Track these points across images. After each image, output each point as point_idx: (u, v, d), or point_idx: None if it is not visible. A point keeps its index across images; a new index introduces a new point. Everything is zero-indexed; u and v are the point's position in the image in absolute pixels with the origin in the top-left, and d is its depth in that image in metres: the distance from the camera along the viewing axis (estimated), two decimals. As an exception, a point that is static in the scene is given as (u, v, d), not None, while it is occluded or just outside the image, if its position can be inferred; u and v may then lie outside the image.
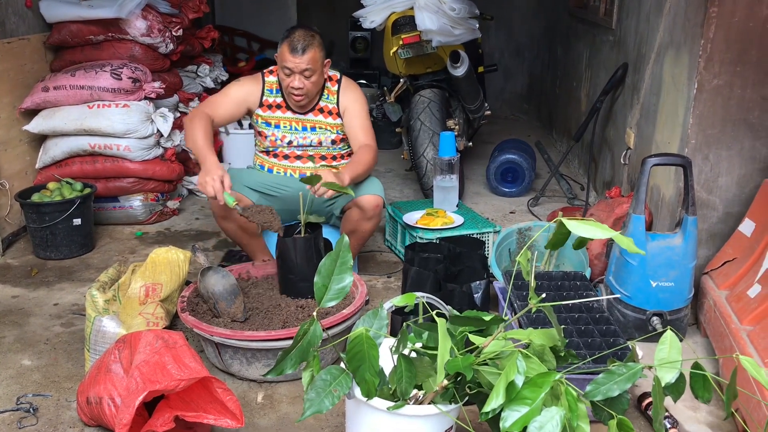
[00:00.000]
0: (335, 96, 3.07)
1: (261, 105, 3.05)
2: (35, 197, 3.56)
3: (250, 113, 3.09)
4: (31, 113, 3.85)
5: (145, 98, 3.91)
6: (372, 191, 2.97)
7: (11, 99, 3.73)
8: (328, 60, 3.01)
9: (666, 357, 1.54)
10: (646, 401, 2.26)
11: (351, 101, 3.06)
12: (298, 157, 3.11)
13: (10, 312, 2.98)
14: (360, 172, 2.91)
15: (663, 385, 1.55)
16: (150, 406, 2.01)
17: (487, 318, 1.70)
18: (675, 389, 1.57)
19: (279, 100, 3.05)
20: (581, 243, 1.59)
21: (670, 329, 1.59)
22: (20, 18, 3.80)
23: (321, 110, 3.07)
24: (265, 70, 3.10)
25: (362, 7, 4.37)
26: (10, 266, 3.47)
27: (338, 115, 3.07)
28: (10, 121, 3.73)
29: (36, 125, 3.80)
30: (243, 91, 3.04)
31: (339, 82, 3.09)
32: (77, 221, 3.53)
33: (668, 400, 1.62)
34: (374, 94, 5.90)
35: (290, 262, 2.67)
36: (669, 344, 1.55)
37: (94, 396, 2.09)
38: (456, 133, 4.31)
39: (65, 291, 3.20)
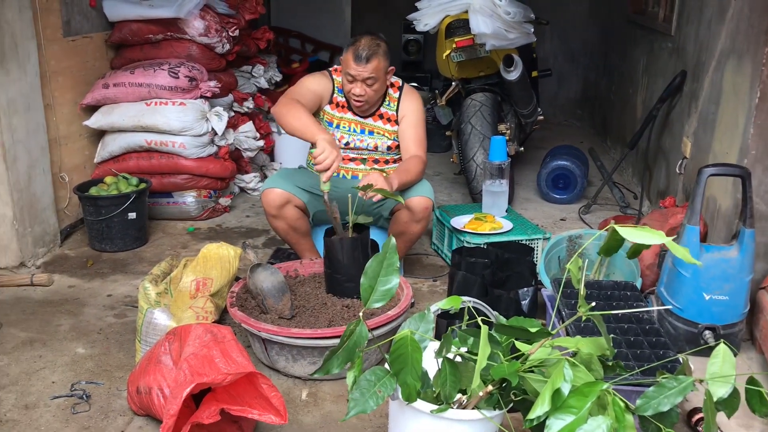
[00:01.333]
0: (396, 103, 3.11)
1: (330, 102, 3.11)
2: (93, 191, 3.67)
3: (319, 110, 3.13)
4: (92, 109, 3.96)
5: (201, 97, 3.99)
6: (422, 193, 2.97)
7: (73, 95, 3.85)
8: (391, 68, 3.05)
9: (718, 371, 1.50)
10: (697, 416, 2.20)
11: (409, 110, 3.10)
12: (352, 159, 3.14)
13: (66, 301, 3.08)
14: (408, 180, 2.93)
15: (715, 399, 1.51)
16: (197, 398, 2.05)
17: (533, 329, 1.68)
18: (729, 405, 1.52)
19: (343, 100, 3.11)
20: (636, 252, 1.56)
21: (723, 342, 1.55)
22: (84, 17, 3.92)
23: (381, 116, 3.11)
24: (330, 69, 3.15)
25: (416, 9, 4.38)
26: (67, 257, 3.58)
27: (396, 122, 3.11)
28: (71, 116, 3.85)
29: (95, 121, 3.91)
30: (320, 87, 3.08)
31: (401, 89, 3.13)
32: (132, 215, 3.62)
33: (719, 416, 1.58)
34: (425, 97, 5.89)
35: (337, 262, 2.69)
36: (722, 358, 1.51)
37: (143, 386, 2.14)
38: (507, 138, 4.28)
39: (119, 283, 3.28)
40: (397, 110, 3.11)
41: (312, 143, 2.85)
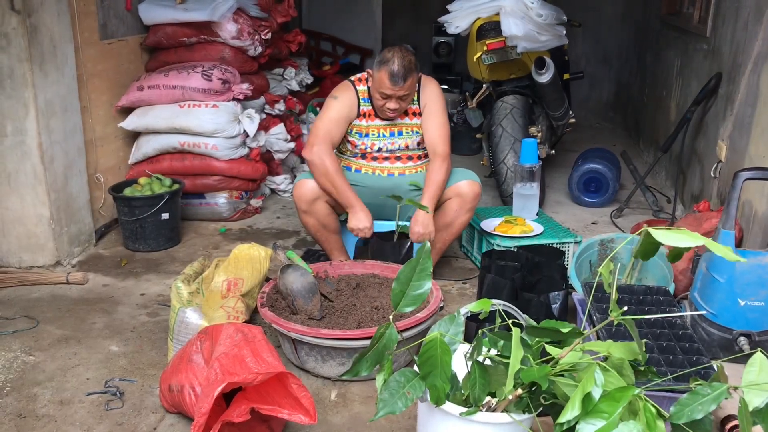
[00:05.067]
0: (416, 95, 3.13)
1: (359, 115, 3.12)
2: (127, 191, 3.72)
3: (349, 125, 3.15)
4: (127, 111, 4.03)
5: (234, 99, 4.03)
6: (469, 177, 3.07)
7: (109, 97, 3.92)
8: (420, 75, 3.07)
9: (755, 380, 1.47)
10: (731, 424, 2.17)
11: (430, 98, 3.10)
12: (386, 158, 3.18)
13: (100, 300, 3.13)
14: (438, 193, 3.00)
15: (750, 409, 1.48)
16: (227, 397, 2.07)
17: (565, 330, 1.67)
18: (766, 417, 1.49)
19: (369, 108, 3.12)
20: (677, 255, 1.53)
21: (761, 351, 1.52)
22: (120, 20, 3.99)
23: (406, 113, 3.14)
24: (353, 78, 3.15)
25: (447, 12, 4.37)
26: (101, 256, 3.64)
27: (420, 114, 3.14)
28: (107, 118, 3.91)
29: (130, 122, 3.97)
30: (346, 108, 3.08)
31: (419, 80, 3.12)
32: (165, 216, 3.67)
33: (756, 427, 1.55)
34: (456, 100, 5.88)
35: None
36: (758, 366, 1.48)
37: (175, 384, 2.17)
38: (538, 141, 4.25)
39: (152, 282, 3.33)
40: (418, 101, 3.12)
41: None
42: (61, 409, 2.32)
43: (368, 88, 3.09)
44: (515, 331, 1.63)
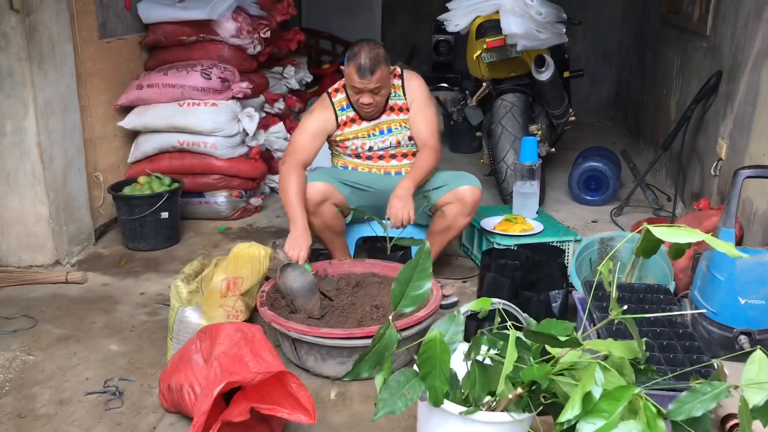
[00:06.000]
0: (401, 90, 3.11)
1: (338, 127, 3.12)
2: (126, 190, 3.72)
3: (329, 137, 3.15)
4: (126, 110, 4.02)
5: (233, 98, 4.02)
6: (470, 182, 3.04)
7: (108, 96, 3.91)
8: (394, 68, 3.07)
9: (755, 378, 1.47)
10: (731, 422, 2.16)
11: (415, 93, 3.10)
12: (381, 157, 3.15)
13: (100, 299, 3.13)
14: (422, 176, 2.97)
15: (750, 407, 1.48)
16: (227, 396, 2.07)
17: (563, 339, 1.66)
18: (765, 413, 1.49)
19: (351, 114, 3.10)
20: (678, 251, 1.53)
21: (760, 349, 1.52)
22: (119, 19, 3.98)
23: (392, 109, 3.11)
24: (330, 90, 3.14)
25: (447, 10, 4.37)
26: (101, 255, 3.63)
27: (408, 109, 3.12)
28: (106, 117, 3.91)
29: (129, 121, 3.97)
30: (320, 123, 3.08)
31: (401, 76, 3.11)
32: (165, 215, 3.67)
33: (756, 425, 1.54)
34: (456, 98, 5.88)
35: None
36: (758, 364, 1.48)
37: (175, 383, 2.17)
38: (538, 139, 4.24)
39: (151, 281, 3.32)
40: (404, 96, 3.10)
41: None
42: (60, 408, 2.31)
43: (347, 93, 3.08)
44: (512, 333, 1.62)
